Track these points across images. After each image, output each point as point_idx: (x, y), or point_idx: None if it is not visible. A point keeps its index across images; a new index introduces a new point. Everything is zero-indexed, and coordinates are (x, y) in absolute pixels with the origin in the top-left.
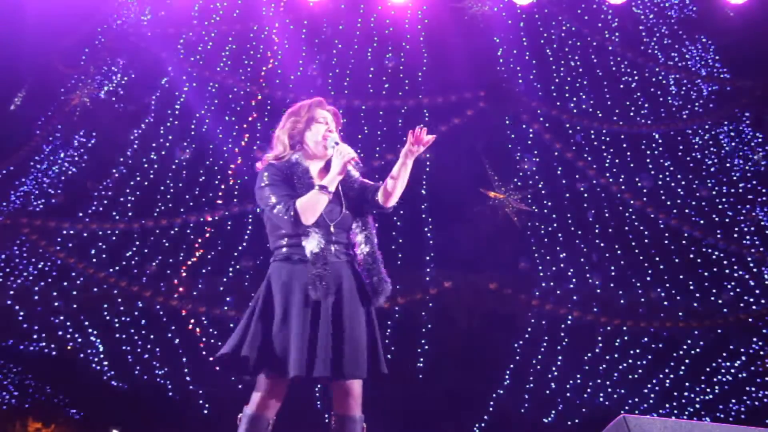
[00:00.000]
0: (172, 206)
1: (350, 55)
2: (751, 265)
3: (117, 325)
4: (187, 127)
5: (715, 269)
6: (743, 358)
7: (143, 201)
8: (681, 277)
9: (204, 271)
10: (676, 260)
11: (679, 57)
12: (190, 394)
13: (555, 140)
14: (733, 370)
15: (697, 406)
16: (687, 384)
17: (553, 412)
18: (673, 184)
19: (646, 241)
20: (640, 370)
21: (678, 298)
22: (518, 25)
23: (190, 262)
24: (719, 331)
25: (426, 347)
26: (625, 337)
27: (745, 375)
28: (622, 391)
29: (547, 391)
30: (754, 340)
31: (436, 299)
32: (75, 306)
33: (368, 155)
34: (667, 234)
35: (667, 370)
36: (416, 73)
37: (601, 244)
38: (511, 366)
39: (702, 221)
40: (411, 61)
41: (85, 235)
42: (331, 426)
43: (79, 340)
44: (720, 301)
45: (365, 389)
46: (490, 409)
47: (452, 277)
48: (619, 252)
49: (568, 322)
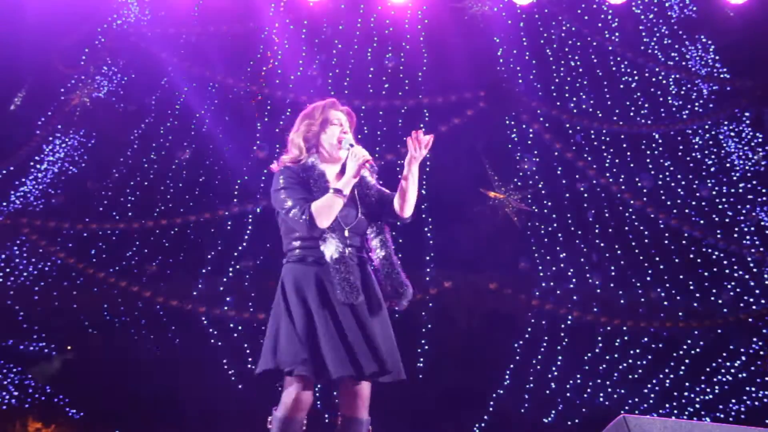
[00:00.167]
0: (172, 206)
1: (350, 55)
2: (751, 265)
3: (117, 325)
4: (187, 127)
5: (715, 269)
6: (743, 358)
7: (143, 201)
8: (681, 277)
9: (204, 271)
10: (676, 260)
11: (679, 57)
12: (190, 395)
13: (555, 140)
14: (733, 370)
15: (697, 406)
16: (687, 384)
17: (553, 412)
18: (673, 184)
19: (646, 241)
20: (640, 370)
21: (678, 298)
22: (518, 25)
23: (190, 263)
24: (719, 331)
25: (426, 347)
26: (625, 337)
27: (745, 375)
28: (622, 391)
29: (547, 391)
30: (754, 340)
31: (436, 299)
32: (75, 306)
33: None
34: (667, 234)
35: (667, 370)
36: (416, 73)
37: (601, 244)
38: (511, 366)
39: (702, 221)
40: (411, 61)
41: (85, 235)
42: (337, 427)
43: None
44: (720, 301)
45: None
46: (490, 409)
47: (452, 277)
48: (619, 252)
49: (568, 322)
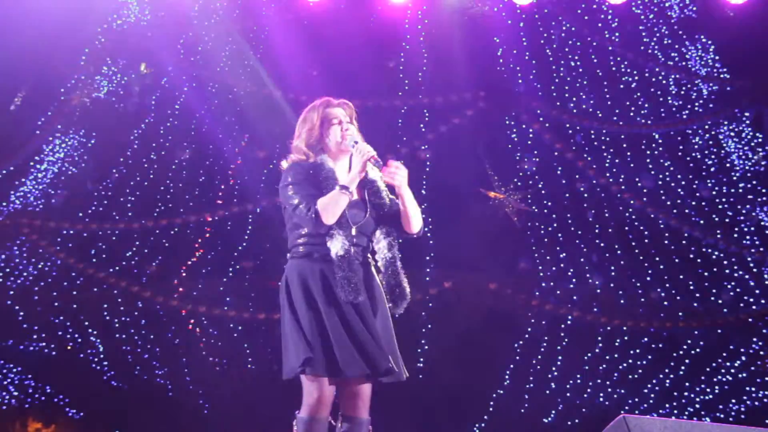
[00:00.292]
0: (172, 206)
1: (350, 55)
2: (751, 265)
3: (117, 325)
4: (187, 127)
5: (715, 269)
6: (743, 358)
7: (143, 201)
8: (681, 277)
9: (204, 271)
10: (676, 260)
11: (679, 57)
12: (190, 394)
13: (555, 140)
14: (733, 370)
15: (697, 406)
16: (687, 384)
17: (553, 412)
18: (673, 184)
19: (646, 241)
20: (640, 370)
21: (678, 298)
22: (518, 25)
23: (190, 262)
24: (719, 331)
25: (426, 347)
26: (625, 337)
27: (745, 375)
28: (622, 391)
29: (547, 391)
30: (754, 340)
31: (436, 299)
32: (75, 306)
33: None
34: (667, 234)
35: (667, 370)
36: (416, 73)
37: (601, 244)
38: (511, 366)
39: (702, 221)
40: (411, 61)
41: (85, 235)
42: (337, 427)
43: (79, 340)
44: (720, 301)
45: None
46: (490, 409)
47: (452, 277)
48: (619, 252)
49: (568, 322)
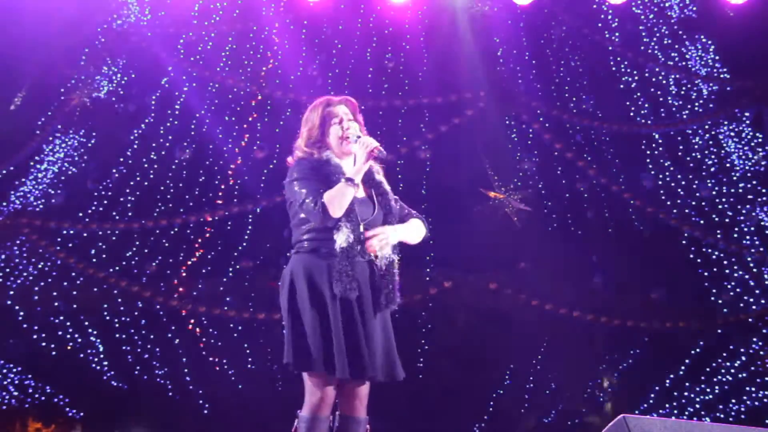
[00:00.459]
0: (172, 206)
1: (350, 55)
2: (751, 265)
3: (117, 325)
4: (187, 127)
5: (715, 269)
6: (743, 358)
7: (143, 201)
8: (681, 277)
9: (204, 271)
10: (676, 260)
11: (679, 57)
12: (190, 394)
13: (555, 140)
14: (733, 370)
15: (697, 406)
16: (687, 384)
17: (553, 412)
18: (673, 184)
19: (646, 241)
20: (640, 370)
21: (678, 298)
22: (518, 25)
23: (190, 262)
24: (719, 331)
25: (426, 347)
26: (625, 337)
27: (745, 375)
28: (622, 391)
29: (547, 391)
30: (754, 340)
31: (436, 299)
32: (75, 306)
33: None
34: (667, 234)
35: (667, 370)
36: (416, 73)
37: (601, 244)
38: (511, 366)
39: (702, 221)
40: (411, 61)
41: (85, 235)
42: (335, 426)
43: (79, 340)
44: (720, 301)
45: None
46: (490, 409)
47: (452, 277)
48: (618, 252)
49: (568, 322)
